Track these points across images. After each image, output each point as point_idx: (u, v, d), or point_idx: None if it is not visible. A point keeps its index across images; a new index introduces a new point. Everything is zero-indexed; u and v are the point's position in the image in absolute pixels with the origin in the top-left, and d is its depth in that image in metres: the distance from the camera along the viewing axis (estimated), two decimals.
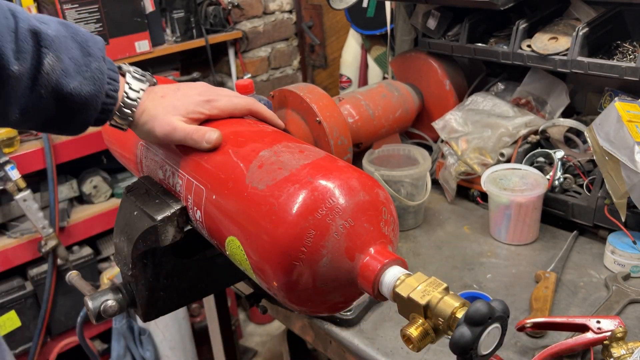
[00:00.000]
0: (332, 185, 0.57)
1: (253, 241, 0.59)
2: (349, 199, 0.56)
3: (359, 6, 2.14)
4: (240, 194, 0.61)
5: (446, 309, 0.49)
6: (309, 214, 0.55)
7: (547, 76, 1.28)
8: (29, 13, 0.65)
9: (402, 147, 1.26)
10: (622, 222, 1.00)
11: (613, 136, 0.97)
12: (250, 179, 0.61)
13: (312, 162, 0.61)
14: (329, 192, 0.56)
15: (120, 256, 0.77)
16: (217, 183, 0.65)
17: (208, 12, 2.38)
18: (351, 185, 0.57)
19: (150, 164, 0.81)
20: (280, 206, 0.56)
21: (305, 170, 0.59)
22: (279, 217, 0.56)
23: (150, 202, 0.74)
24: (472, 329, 0.46)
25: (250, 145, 0.67)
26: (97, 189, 2.09)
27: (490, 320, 0.47)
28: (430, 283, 0.52)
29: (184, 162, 0.72)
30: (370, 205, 0.58)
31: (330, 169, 0.59)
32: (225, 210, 0.63)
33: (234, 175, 0.63)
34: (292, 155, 0.63)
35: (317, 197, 0.56)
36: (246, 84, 1.11)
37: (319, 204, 0.55)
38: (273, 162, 0.62)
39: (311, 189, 0.56)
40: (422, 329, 0.51)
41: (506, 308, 0.49)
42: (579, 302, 0.94)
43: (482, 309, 0.46)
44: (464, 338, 0.46)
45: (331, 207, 0.55)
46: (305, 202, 0.55)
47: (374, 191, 0.59)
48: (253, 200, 0.59)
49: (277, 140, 0.67)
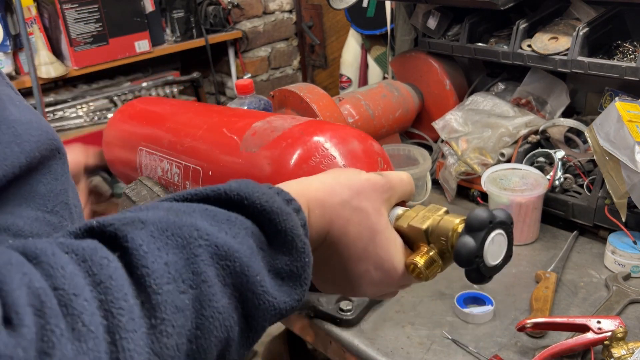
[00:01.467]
0: (325, 135, 0.57)
1: None
2: (342, 147, 0.57)
3: (359, 6, 2.14)
4: (235, 161, 0.62)
5: (447, 226, 0.48)
6: (303, 163, 0.55)
7: (547, 76, 1.28)
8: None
9: (402, 147, 1.26)
10: (623, 222, 1.00)
11: (613, 136, 0.97)
12: (244, 146, 0.62)
13: (304, 122, 0.62)
14: (321, 141, 0.57)
15: None
16: (212, 160, 0.66)
17: (208, 12, 2.38)
18: (343, 135, 0.58)
19: (149, 164, 0.81)
20: (274, 160, 0.57)
21: (298, 128, 0.60)
22: (274, 171, 0.56)
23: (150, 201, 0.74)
24: (474, 236, 0.44)
25: (244, 120, 0.68)
26: (96, 189, 2.09)
27: (491, 224, 0.45)
28: (429, 209, 0.51)
29: (181, 151, 0.73)
30: (364, 153, 0.58)
31: (323, 125, 0.60)
32: (222, 180, 0.64)
33: (228, 148, 0.65)
34: (284, 121, 0.63)
35: (310, 146, 0.56)
36: (246, 84, 1.11)
37: (312, 152, 0.56)
38: (265, 128, 0.63)
39: (304, 141, 0.57)
40: (428, 257, 0.48)
41: (508, 215, 0.46)
42: (579, 302, 0.93)
43: (480, 214, 0.45)
44: (467, 246, 0.44)
45: (325, 154, 0.56)
46: (299, 153, 0.56)
47: (367, 142, 0.59)
48: (248, 163, 0.60)
49: (272, 114, 0.68)
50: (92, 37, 1.98)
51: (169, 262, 0.34)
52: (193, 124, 0.76)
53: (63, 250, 0.31)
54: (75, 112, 2.05)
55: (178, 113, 0.84)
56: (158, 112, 0.89)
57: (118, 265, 0.32)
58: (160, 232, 0.35)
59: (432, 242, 0.49)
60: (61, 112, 2.02)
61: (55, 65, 1.91)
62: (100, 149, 0.99)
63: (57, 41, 2.00)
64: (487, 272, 0.46)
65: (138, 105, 0.97)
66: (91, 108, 2.09)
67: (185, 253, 0.35)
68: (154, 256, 0.33)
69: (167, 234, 0.35)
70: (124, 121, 0.95)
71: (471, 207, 1.26)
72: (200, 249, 0.35)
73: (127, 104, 1.00)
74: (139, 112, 0.94)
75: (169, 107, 0.89)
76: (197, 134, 0.72)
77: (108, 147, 1.01)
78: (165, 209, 0.38)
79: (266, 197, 0.40)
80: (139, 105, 0.97)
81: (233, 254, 0.37)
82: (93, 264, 0.31)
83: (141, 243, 0.33)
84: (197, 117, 0.78)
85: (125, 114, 0.96)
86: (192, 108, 0.85)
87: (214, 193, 0.41)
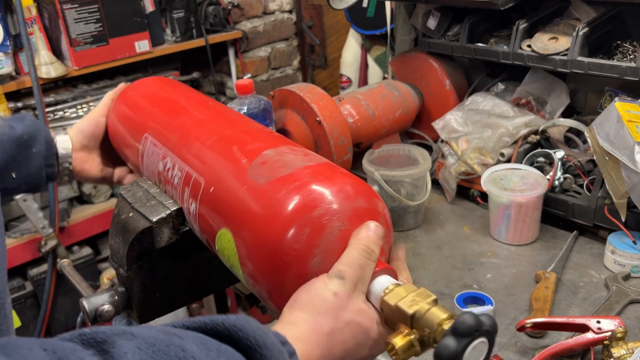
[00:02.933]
0: (332, 187, 0.57)
1: (246, 232, 0.58)
2: (348, 203, 0.56)
3: (359, 6, 2.14)
4: (239, 187, 0.61)
5: (433, 320, 0.48)
6: (305, 212, 0.55)
7: (547, 76, 1.28)
8: None
9: (402, 147, 1.26)
10: (622, 222, 1.00)
11: (613, 136, 0.97)
12: (251, 174, 0.61)
13: (315, 164, 0.61)
14: (328, 194, 0.56)
15: (115, 257, 0.77)
16: (216, 176, 0.66)
17: (208, 12, 2.38)
18: (350, 191, 0.57)
19: (151, 155, 0.80)
20: (278, 201, 0.56)
21: (307, 171, 0.59)
22: (275, 211, 0.56)
23: (146, 203, 0.74)
24: (458, 340, 0.45)
25: (255, 144, 0.67)
26: (97, 189, 2.09)
27: (477, 333, 0.45)
28: (419, 293, 0.51)
29: (186, 155, 0.72)
30: (367, 213, 0.57)
31: (333, 174, 0.60)
32: (221, 202, 0.63)
33: (235, 170, 0.64)
34: (295, 157, 0.63)
35: (316, 196, 0.56)
36: (246, 84, 1.11)
37: (317, 203, 0.55)
38: (276, 160, 0.62)
39: (311, 189, 0.56)
40: (408, 340, 0.49)
41: (494, 323, 0.47)
42: (579, 302, 0.93)
43: (469, 321, 0.45)
44: (448, 349, 0.45)
45: (329, 208, 0.55)
46: (303, 200, 0.55)
47: (373, 200, 0.59)
48: (251, 194, 0.59)
49: (282, 142, 0.68)
50: (92, 37, 1.98)
51: None
52: (205, 128, 0.75)
53: (42, 347, 0.32)
54: (75, 112, 2.05)
55: (192, 109, 0.82)
56: (173, 100, 0.87)
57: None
58: (147, 346, 0.36)
59: (414, 327, 0.50)
60: (61, 112, 2.02)
61: (55, 65, 1.91)
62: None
63: (57, 41, 2.00)
64: None
65: (153, 86, 0.93)
66: (91, 108, 2.08)
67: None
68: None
69: (154, 348, 0.36)
70: (134, 101, 0.91)
71: (471, 207, 1.26)
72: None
73: (144, 80, 0.96)
74: (154, 94, 0.91)
75: (184, 98, 0.86)
76: (207, 142, 0.71)
77: (114, 121, 0.94)
78: (159, 329, 0.39)
79: (260, 332, 0.42)
80: (154, 85, 0.93)
81: None
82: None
83: (126, 352, 0.34)
84: (210, 122, 0.76)
85: (138, 91, 0.92)
86: (207, 107, 0.82)
87: (211, 322, 0.42)
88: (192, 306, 2.24)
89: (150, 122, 0.83)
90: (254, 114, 1.10)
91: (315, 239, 0.54)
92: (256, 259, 0.57)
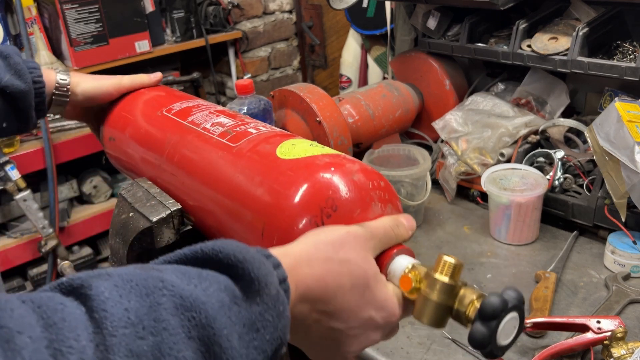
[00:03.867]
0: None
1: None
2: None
3: (359, 6, 2.14)
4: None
5: (467, 297, 0.49)
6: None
7: (547, 76, 1.28)
8: None
9: (402, 147, 1.26)
10: (622, 222, 1.00)
11: (613, 136, 0.97)
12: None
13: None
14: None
15: (115, 258, 0.76)
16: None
17: (208, 12, 2.38)
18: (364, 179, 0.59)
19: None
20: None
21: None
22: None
23: (146, 203, 0.74)
24: (487, 324, 0.46)
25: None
26: (97, 189, 2.09)
27: (503, 313, 0.46)
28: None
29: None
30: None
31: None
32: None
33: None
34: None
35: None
36: (246, 84, 1.11)
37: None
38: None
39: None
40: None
41: (519, 296, 0.47)
42: (579, 302, 0.93)
43: (495, 303, 0.46)
44: (480, 334, 0.46)
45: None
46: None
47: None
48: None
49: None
50: (92, 37, 1.98)
51: (130, 308, 0.34)
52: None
53: (20, 299, 0.32)
54: None
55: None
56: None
57: (75, 310, 0.33)
58: (124, 282, 0.35)
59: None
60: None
61: (55, 65, 1.92)
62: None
63: (57, 41, 2.00)
64: (499, 352, 0.48)
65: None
66: None
67: (148, 301, 0.35)
68: (114, 302, 0.34)
69: (132, 284, 0.35)
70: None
71: (471, 207, 1.26)
72: (164, 298, 0.35)
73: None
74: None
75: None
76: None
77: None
78: (136, 266, 0.38)
79: (240, 249, 0.40)
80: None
81: (199, 305, 0.36)
82: (47, 308, 0.32)
83: (103, 290, 0.34)
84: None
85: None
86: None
87: (190, 251, 0.41)
88: None
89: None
90: (254, 114, 1.10)
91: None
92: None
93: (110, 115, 0.89)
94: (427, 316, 0.50)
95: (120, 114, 0.87)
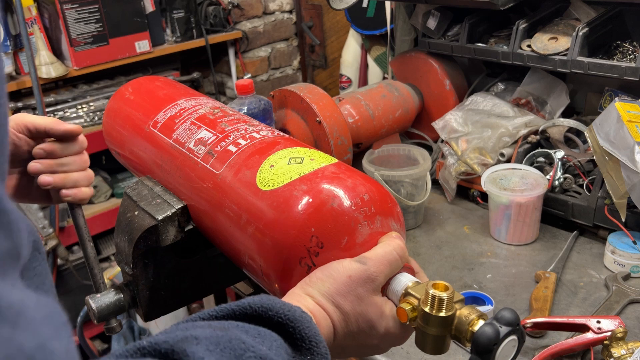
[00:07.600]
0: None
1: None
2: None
3: (359, 6, 2.14)
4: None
5: (463, 322, 0.49)
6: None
7: (547, 76, 1.28)
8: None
9: (402, 147, 1.26)
10: (622, 222, 1.00)
11: (613, 136, 0.97)
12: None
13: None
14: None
15: (121, 256, 0.77)
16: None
17: (208, 12, 2.38)
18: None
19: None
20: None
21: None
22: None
23: (152, 201, 0.74)
24: (484, 357, 0.46)
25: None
26: (97, 189, 2.09)
27: (496, 346, 0.46)
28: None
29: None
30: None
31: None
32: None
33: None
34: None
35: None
36: (246, 84, 1.11)
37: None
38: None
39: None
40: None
41: (515, 318, 0.47)
42: (579, 302, 0.94)
43: (488, 335, 0.46)
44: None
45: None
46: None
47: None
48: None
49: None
50: (92, 37, 1.98)
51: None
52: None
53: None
54: (75, 112, 2.05)
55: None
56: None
57: None
58: (214, 346, 0.37)
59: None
60: (61, 112, 2.02)
61: (55, 65, 1.91)
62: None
63: (58, 41, 2.00)
64: None
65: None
66: (91, 108, 2.08)
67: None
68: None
69: (221, 346, 0.37)
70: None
71: (471, 207, 1.26)
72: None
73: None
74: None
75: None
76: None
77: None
78: (207, 326, 0.40)
79: (287, 308, 0.44)
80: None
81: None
82: None
83: (202, 356, 0.35)
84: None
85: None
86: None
87: (238, 308, 0.43)
88: (193, 306, 2.25)
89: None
90: (254, 114, 1.10)
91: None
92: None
93: (106, 127, 0.92)
94: (428, 348, 0.51)
95: (115, 128, 0.89)
